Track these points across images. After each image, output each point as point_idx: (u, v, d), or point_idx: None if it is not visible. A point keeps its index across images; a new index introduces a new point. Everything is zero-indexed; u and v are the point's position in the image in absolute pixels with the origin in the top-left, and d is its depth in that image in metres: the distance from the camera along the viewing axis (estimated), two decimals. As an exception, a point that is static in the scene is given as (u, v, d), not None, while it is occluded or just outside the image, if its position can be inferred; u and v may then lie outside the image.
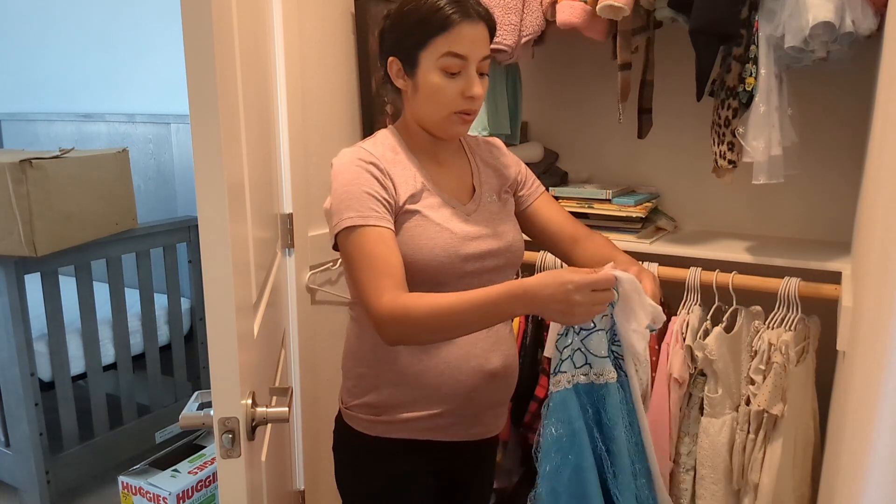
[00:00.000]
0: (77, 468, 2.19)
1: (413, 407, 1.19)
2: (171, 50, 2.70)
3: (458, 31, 1.09)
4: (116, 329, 2.29)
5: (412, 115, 1.18)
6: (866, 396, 0.71)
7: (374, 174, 1.10)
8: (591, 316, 1.01)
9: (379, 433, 1.21)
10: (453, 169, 1.23)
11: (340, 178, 1.10)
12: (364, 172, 1.10)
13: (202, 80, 0.77)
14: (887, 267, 0.70)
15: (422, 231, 1.12)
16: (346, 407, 1.25)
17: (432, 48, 1.09)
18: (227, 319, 0.83)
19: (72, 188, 2.07)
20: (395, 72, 1.14)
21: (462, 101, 1.12)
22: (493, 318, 1.03)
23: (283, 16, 1.66)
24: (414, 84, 1.13)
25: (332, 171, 1.13)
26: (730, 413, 1.55)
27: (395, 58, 1.13)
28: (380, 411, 1.20)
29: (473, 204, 1.21)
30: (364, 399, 1.21)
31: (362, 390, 1.22)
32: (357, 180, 1.09)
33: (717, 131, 1.56)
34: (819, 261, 1.54)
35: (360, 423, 1.22)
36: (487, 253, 1.18)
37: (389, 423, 1.20)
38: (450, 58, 1.09)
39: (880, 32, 1.34)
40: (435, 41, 1.09)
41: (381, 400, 1.19)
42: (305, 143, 1.79)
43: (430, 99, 1.12)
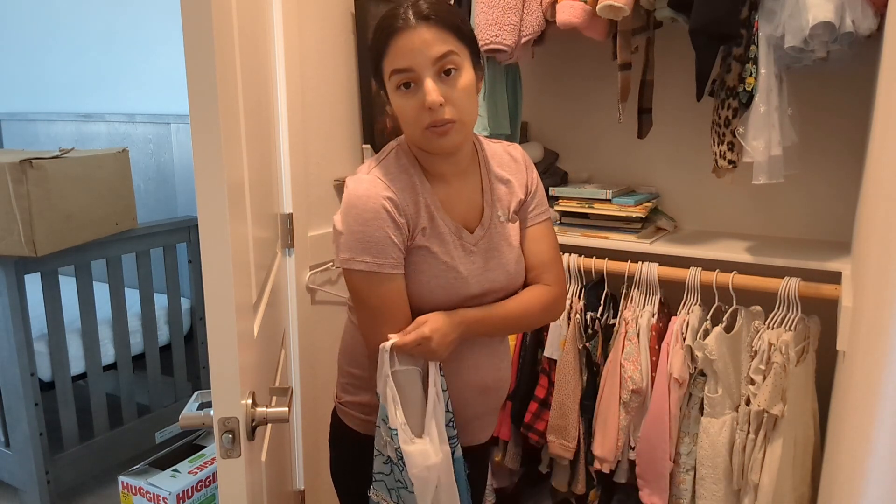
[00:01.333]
0: (77, 468, 2.19)
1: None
2: (171, 50, 2.70)
3: (393, 47, 1.04)
4: (116, 329, 2.29)
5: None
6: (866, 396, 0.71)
7: (393, 215, 1.07)
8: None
9: (370, 432, 1.19)
10: (463, 189, 1.17)
11: (358, 213, 1.06)
12: (382, 212, 1.06)
13: (202, 80, 0.77)
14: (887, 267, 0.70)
15: (427, 267, 1.11)
16: (340, 402, 1.27)
17: (385, 72, 1.07)
18: (227, 319, 0.83)
19: (72, 188, 2.07)
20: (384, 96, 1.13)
21: (425, 115, 1.04)
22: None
23: (283, 16, 1.66)
24: (392, 100, 1.10)
25: (348, 195, 1.08)
26: (730, 413, 1.55)
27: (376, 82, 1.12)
28: (371, 411, 1.19)
29: (481, 229, 1.17)
30: (357, 398, 1.23)
31: (356, 389, 1.23)
32: (375, 220, 1.06)
33: (717, 131, 1.56)
34: (819, 261, 1.54)
35: (353, 421, 1.24)
36: (490, 290, 1.17)
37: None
38: (397, 75, 1.04)
39: (880, 32, 1.34)
40: (384, 65, 1.06)
41: (373, 401, 1.18)
42: (305, 143, 1.79)
43: (402, 121, 1.09)
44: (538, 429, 1.79)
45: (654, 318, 1.65)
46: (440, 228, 1.12)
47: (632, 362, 1.64)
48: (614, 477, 1.76)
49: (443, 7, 1.06)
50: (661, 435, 1.60)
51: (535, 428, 1.79)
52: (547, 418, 1.76)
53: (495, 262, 1.17)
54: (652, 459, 1.63)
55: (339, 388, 1.28)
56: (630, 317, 1.67)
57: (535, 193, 1.24)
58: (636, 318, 1.66)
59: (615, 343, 1.69)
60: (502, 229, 1.19)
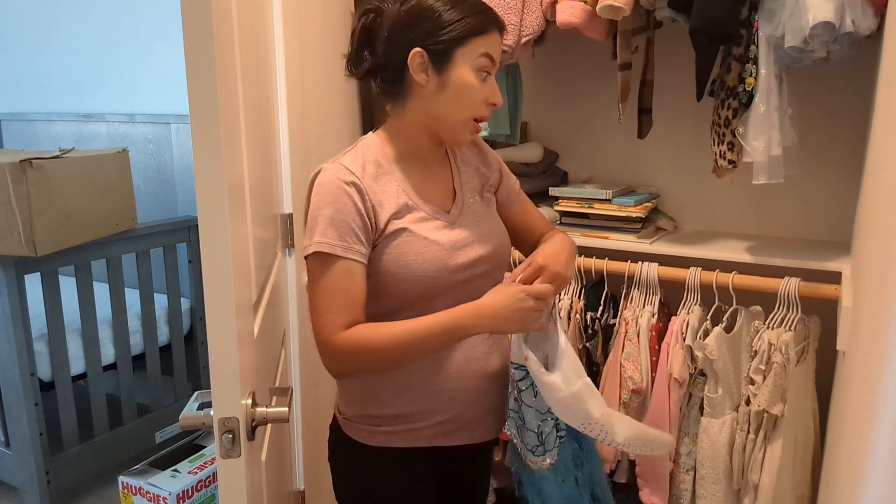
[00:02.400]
0: (77, 468, 2.19)
1: (417, 416, 1.17)
2: (171, 50, 2.70)
3: (493, 36, 1.10)
4: (116, 329, 2.29)
5: (422, 116, 1.13)
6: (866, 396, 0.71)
7: (354, 199, 1.07)
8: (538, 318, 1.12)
9: (381, 443, 1.18)
10: (437, 175, 1.20)
11: (318, 199, 1.08)
12: (343, 195, 1.07)
13: (202, 80, 0.77)
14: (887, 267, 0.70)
15: (409, 248, 1.10)
16: (344, 417, 1.22)
17: (471, 47, 1.08)
18: (227, 319, 0.83)
19: (72, 188, 2.07)
20: (416, 65, 1.08)
21: (485, 107, 1.12)
22: (452, 340, 1.10)
23: (283, 15, 1.66)
24: (441, 81, 1.09)
25: (312, 187, 1.10)
26: (730, 413, 1.55)
27: (422, 49, 1.07)
28: (381, 422, 1.18)
29: (456, 208, 1.19)
30: (365, 411, 1.19)
31: (364, 401, 1.19)
32: (334, 204, 1.06)
33: (717, 131, 1.56)
34: (819, 261, 1.54)
35: (360, 434, 1.20)
36: (477, 260, 1.16)
37: (391, 433, 1.18)
38: (486, 59, 1.09)
39: (880, 32, 1.34)
40: (474, 41, 1.08)
41: (383, 411, 1.18)
42: (305, 143, 1.79)
43: (458, 97, 1.10)
44: (538, 429, 1.79)
45: (654, 318, 1.65)
46: (414, 210, 1.13)
47: (632, 362, 1.64)
48: (614, 477, 1.76)
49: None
50: (661, 435, 1.60)
51: (535, 428, 1.79)
52: (547, 418, 1.76)
53: (478, 234, 1.18)
54: (652, 459, 1.63)
55: (342, 404, 1.23)
56: (630, 317, 1.66)
57: (505, 172, 1.32)
58: (636, 318, 1.66)
59: (615, 343, 1.69)
60: (476, 207, 1.22)
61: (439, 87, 1.09)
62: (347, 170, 1.09)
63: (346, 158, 1.12)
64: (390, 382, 1.17)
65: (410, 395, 1.17)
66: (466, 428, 1.22)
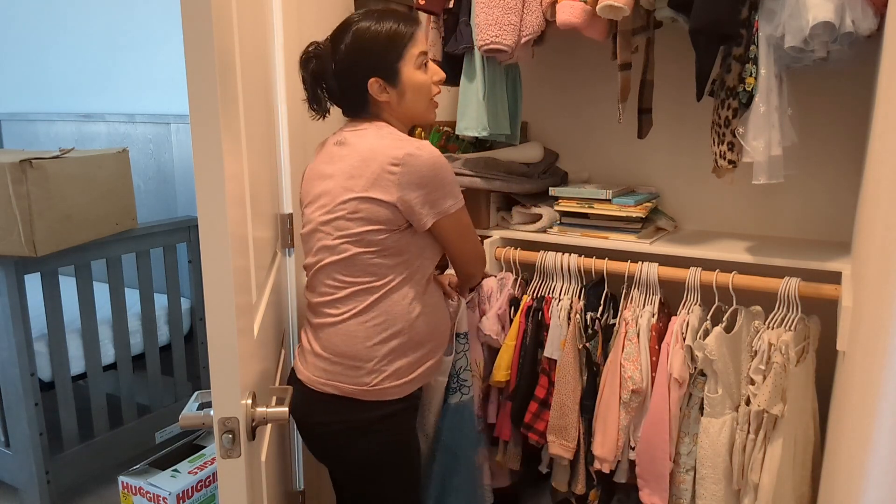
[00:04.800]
0: (77, 468, 2.19)
1: (429, 355, 1.39)
2: (171, 50, 2.70)
3: (419, 33, 1.34)
4: (116, 329, 2.29)
5: (398, 118, 1.37)
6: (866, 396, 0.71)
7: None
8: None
9: (406, 392, 1.35)
10: None
11: (444, 165, 1.28)
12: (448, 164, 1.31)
13: (202, 80, 0.77)
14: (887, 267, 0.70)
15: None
16: (372, 386, 1.31)
17: (408, 54, 1.32)
18: (227, 319, 0.83)
19: (72, 188, 2.07)
20: (376, 90, 1.31)
21: (435, 88, 1.38)
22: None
23: (283, 15, 1.66)
24: (399, 90, 1.33)
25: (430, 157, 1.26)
26: (730, 413, 1.55)
27: (375, 77, 1.30)
28: (407, 371, 1.34)
29: None
30: (392, 368, 1.32)
31: (389, 363, 1.32)
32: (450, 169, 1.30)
33: (717, 131, 1.56)
34: (819, 261, 1.54)
35: (393, 392, 1.33)
36: None
37: (413, 379, 1.36)
38: (421, 55, 1.33)
39: (880, 32, 1.34)
40: (409, 48, 1.32)
41: (408, 361, 1.34)
42: (305, 143, 1.79)
43: (417, 94, 1.34)
44: (538, 429, 1.79)
45: (654, 318, 1.65)
46: None
47: (632, 362, 1.64)
48: (614, 477, 1.76)
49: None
50: (661, 435, 1.60)
51: (535, 428, 1.79)
52: (547, 418, 1.76)
53: None
54: (652, 459, 1.63)
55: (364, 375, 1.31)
56: (630, 317, 1.66)
57: None
58: (636, 318, 1.66)
59: (615, 343, 1.69)
60: None
61: (399, 95, 1.34)
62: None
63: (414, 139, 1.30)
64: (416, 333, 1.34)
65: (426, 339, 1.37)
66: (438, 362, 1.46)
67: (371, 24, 1.30)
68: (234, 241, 0.84)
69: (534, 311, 1.79)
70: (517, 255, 1.84)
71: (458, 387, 1.75)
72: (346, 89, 1.33)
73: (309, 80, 1.35)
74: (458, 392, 1.75)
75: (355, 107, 1.36)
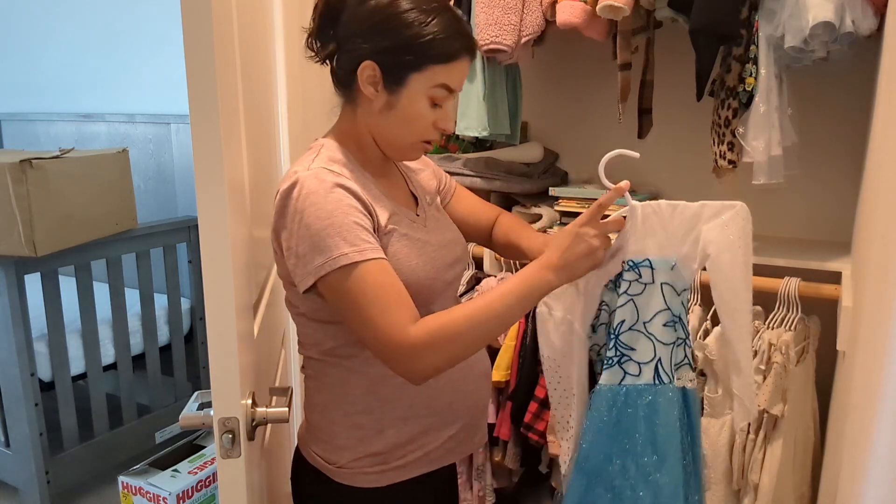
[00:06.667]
0: (77, 468, 2.19)
1: (427, 436, 1.08)
2: (171, 50, 2.70)
3: (459, 65, 1.00)
4: (116, 329, 2.29)
5: (368, 129, 1.05)
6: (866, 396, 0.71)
7: (350, 198, 0.96)
8: (609, 243, 1.05)
9: (392, 480, 1.07)
10: (394, 180, 1.13)
11: (318, 209, 0.93)
12: (344, 197, 0.95)
13: (202, 80, 0.77)
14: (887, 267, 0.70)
15: (408, 250, 1.03)
16: (337, 467, 1.07)
17: (428, 74, 0.98)
18: (227, 319, 0.83)
19: (72, 188, 2.07)
20: (366, 77, 0.99)
21: (433, 132, 1.04)
22: (530, 302, 1.00)
23: (283, 15, 1.66)
24: (390, 101, 1.00)
25: (296, 198, 0.95)
26: (730, 413, 1.55)
27: (375, 63, 0.98)
28: (389, 457, 1.06)
29: (422, 212, 1.12)
30: (367, 450, 1.06)
31: (361, 442, 1.06)
32: (339, 209, 0.94)
33: (717, 131, 1.56)
34: (819, 261, 1.54)
35: (369, 479, 1.06)
36: (457, 259, 1.12)
37: (403, 466, 1.07)
38: (442, 90, 1.00)
39: (880, 32, 1.34)
40: (433, 68, 0.98)
41: (388, 444, 1.06)
42: (305, 142, 1.79)
43: (404, 123, 1.02)
44: (538, 429, 1.79)
45: (654, 318, 1.65)
46: (398, 212, 1.06)
47: (632, 362, 1.64)
48: (614, 477, 1.76)
49: None
50: (661, 435, 1.60)
51: (535, 428, 1.79)
52: (547, 418, 1.76)
53: (449, 235, 1.13)
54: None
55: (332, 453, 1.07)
56: (630, 317, 1.66)
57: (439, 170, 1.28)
58: (636, 318, 1.65)
59: (615, 343, 1.68)
60: (434, 211, 1.17)
61: (387, 106, 1.01)
62: (329, 171, 0.97)
63: (317, 163, 0.99)
64: (393, 409, 1.06)
65: (416, 417, 1.07)
66: (470, 436, 1.15)
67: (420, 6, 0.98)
68: (234, 241, 0.84)
69: (534, 311, 1.79)
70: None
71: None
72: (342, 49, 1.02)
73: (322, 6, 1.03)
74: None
75: (339, 80, 1.05)
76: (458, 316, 0.95)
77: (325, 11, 1.02)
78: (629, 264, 1.05)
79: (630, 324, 1.07)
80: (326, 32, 1.03)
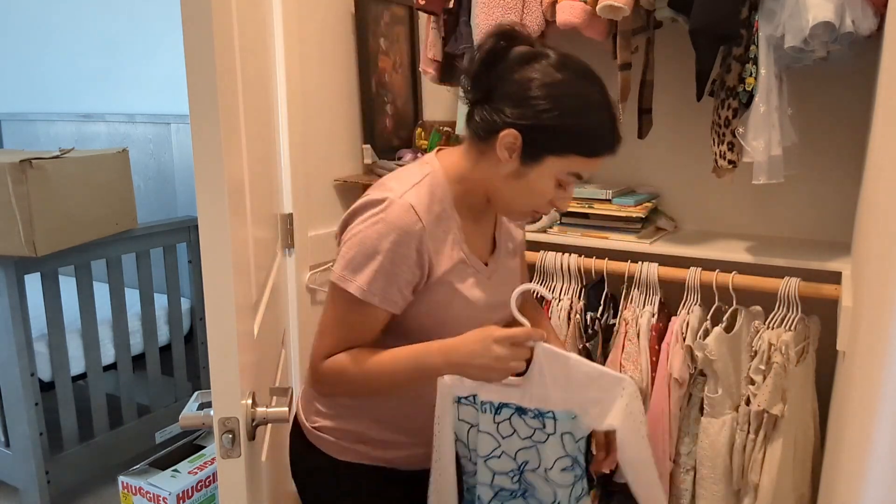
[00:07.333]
0: (77, 468, 2.19)
1: (395, 444, 1.17)
2: (171, 50, 2.70)
3: (599, 160, 1.04)
4: (116, 329, 2.29)
5: (486, 182, 1.06)
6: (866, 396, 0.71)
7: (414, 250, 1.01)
8: (509, 372, 1.02)
9: (352, 459, 1.16)
10: (483, 223, 1.17)
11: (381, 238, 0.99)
12: (405, 245, 1.00)
13: (202, 80, 0.77)
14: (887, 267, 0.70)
15: (447, 304, 1.08)
16: (314, 427, 1.18)
17: (567, 161, 1.01)
18: (227, 319, 0.83)
19: (72, 188, 2.07)
20: (505, 143, 1.00)
21: (547, 207, 1.08)
22: (419, 378, 1.06)
23: (283, 16, 1.66)
24: (519, 171, 1.02)
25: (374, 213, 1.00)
26: (730, 413, 1.55)
27: (519, 135, 0.99)
28: (358, 438, 1.16)
29: (493, 262, 1.16)
30: (343, 425, 1.16)
31: (340, 417, 1.16)
32: (393, 252, 1.00)
33: (717, 131, 1.56)
34: (819, 261, 1.54)
35: (332, 448, 1.17)
36: (502, 318, 1.14)
37: (365, 453, 1.16)
38: (573, 177, 1.05)
39: (880, 32, 1.34)
40: (572, 157, 1.01)
41: (360, 430, 1.16)
42: (305, 143, 1.79)
43: (525, 194, 1.05)
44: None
45: (654, 319, 1.65)
46: (462, 261, 1.09)
47: (632, 362, 1.64)
48: (614, 477, 1.75)
49: None
50: (661, 435, 1.60)
51: (535, 428, 1.79)
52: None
53: (504, 297, 1.11)
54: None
55: (313, 413, 1.19)
56: (630, 317, 1.66)
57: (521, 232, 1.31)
58: (636, 319, 1.66)
59: (615, 343, 1.69)
60: (508, 261, 1.20)
61: (515, 174, 1.03)
62: (415, 213, 1.01)
63: (413, 194, 1.03)
64: (375, 407, 1.15)
65: (389, 427, 1.16)
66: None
67: (582, 95, 1.01)
68: (234, 241, 0.84)
69: (534, 311, 1.79)
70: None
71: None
72: (490, 105, 1.01)
73: (484, 54, 1.01)
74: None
75: (475, 129, 1.05)
76: (358, 368, 1.04)
77: (486, 59, 1.02)
78: (535, 412, 1.08)
79: (533, 467, 1.12)
80: (481, 79, 1.03)
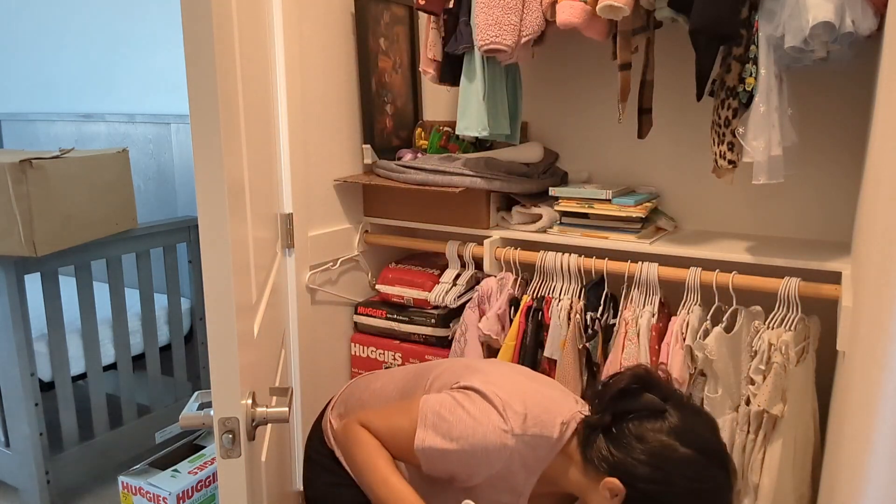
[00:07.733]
0: (77, 468, 2.19)
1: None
2: (171, 50, 2.70)
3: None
4: (116, 329, 2.29)
5: (582, 493, 1.13)
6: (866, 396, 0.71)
7: (504, 461, 1.11)
8: None
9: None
10: (544, 494, 1.22)
11: (486, 439, 1.11)
12: (499, 457, 1.11)
13: (202, 80, 0.77)
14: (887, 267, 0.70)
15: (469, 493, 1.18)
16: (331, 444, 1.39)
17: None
18: (227, 319, 0.83)
19: (72, 188, 2.07)
20: (609, 488, 1.06)
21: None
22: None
23: (283, 16, 1.66)
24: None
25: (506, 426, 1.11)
26: (730, 413, 1.55)
27: (626, 490, 1.05)
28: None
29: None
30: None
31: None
32: (486, 452, 1.11)
33: (716, 131, 1.56)
34: (819, 261, 1.54)
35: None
36: None
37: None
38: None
39: (880, 32, 1.34)
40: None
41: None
42: (305, 143, 1.79)
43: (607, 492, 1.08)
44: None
45: (654, 319, 1.65)
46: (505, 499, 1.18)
47: (632, 362, 1.64)
48: None
49: None
50: (661, 435, 1.60)
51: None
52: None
53: None
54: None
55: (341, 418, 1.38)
56: (630, 317, 1.66)
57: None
58: (636, 318, 1.66)
59: (615, 343, 1.69)
60: None
61: (609, 499, 1.07)
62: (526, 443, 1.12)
63: (531, 434, 1.12)
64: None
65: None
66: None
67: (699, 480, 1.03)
68: (234, 241, 0.84)
69: (534, 311, 1.79)
70: (517, 255, 1.84)
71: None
72: (610, 440, 1.08)
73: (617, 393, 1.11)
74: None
75: (589, 456, 1.11)
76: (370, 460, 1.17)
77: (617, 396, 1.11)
78: None
79: None
80: (608, 407, 1.11)
